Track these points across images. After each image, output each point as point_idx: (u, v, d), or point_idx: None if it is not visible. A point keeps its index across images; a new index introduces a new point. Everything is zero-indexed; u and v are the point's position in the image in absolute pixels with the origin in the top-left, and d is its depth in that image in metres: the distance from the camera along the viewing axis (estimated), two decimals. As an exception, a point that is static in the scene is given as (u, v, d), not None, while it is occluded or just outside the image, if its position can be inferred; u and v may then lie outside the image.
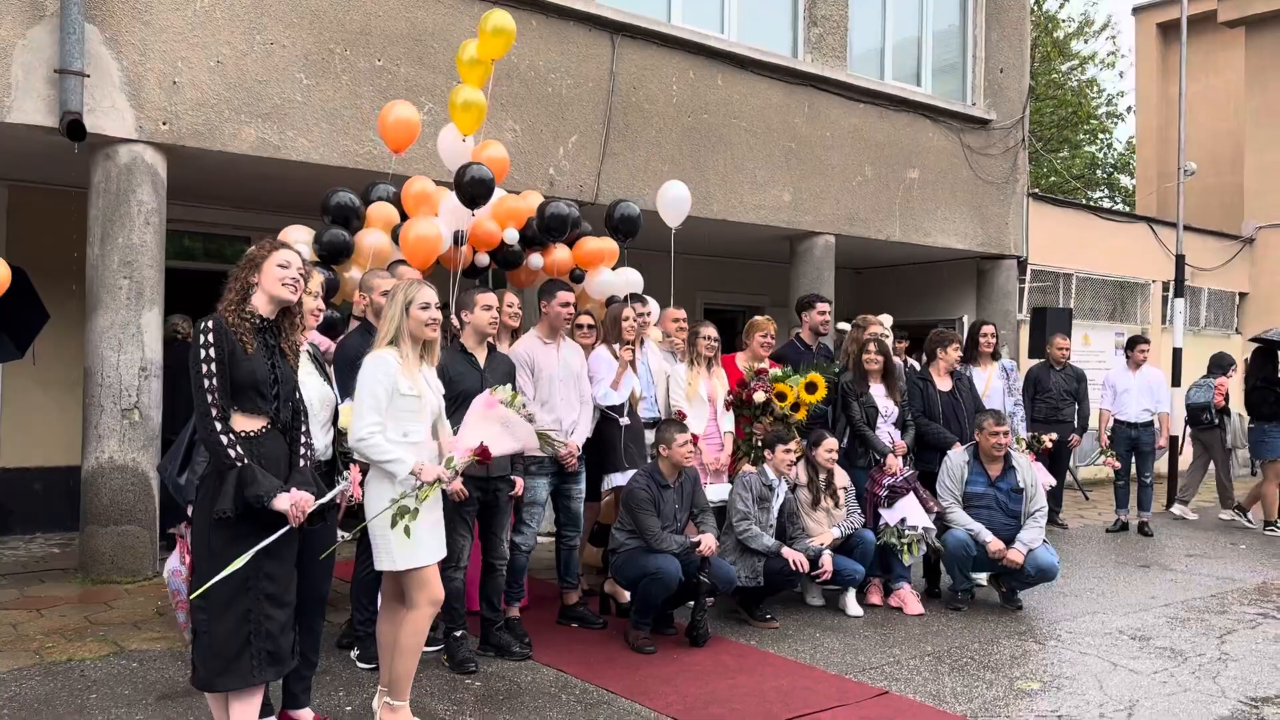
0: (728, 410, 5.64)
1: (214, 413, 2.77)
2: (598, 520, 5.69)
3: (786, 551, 5.04)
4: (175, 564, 3.45)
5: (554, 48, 7.30)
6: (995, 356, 7.26)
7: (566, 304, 4.99)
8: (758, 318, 6.03)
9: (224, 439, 2.78)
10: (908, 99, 9.54)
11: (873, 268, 11.96)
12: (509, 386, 3.72)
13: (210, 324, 2.82)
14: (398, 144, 5.44)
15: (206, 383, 2.76)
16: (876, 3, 9.58)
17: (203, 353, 2.77)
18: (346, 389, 4.21)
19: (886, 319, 6.71)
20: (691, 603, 4.77)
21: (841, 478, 5.55)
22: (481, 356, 4.33)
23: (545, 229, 5.47)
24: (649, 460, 5.08)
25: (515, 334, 5.27)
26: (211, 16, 5.93)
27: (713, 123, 8.20)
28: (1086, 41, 23.31)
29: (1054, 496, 8.30)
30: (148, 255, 5.82)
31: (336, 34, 6.37)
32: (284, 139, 6.20)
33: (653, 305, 5.88)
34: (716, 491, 5.37)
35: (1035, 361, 8.76)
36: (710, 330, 5.63)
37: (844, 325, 6.63)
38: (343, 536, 3.41)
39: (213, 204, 7.79)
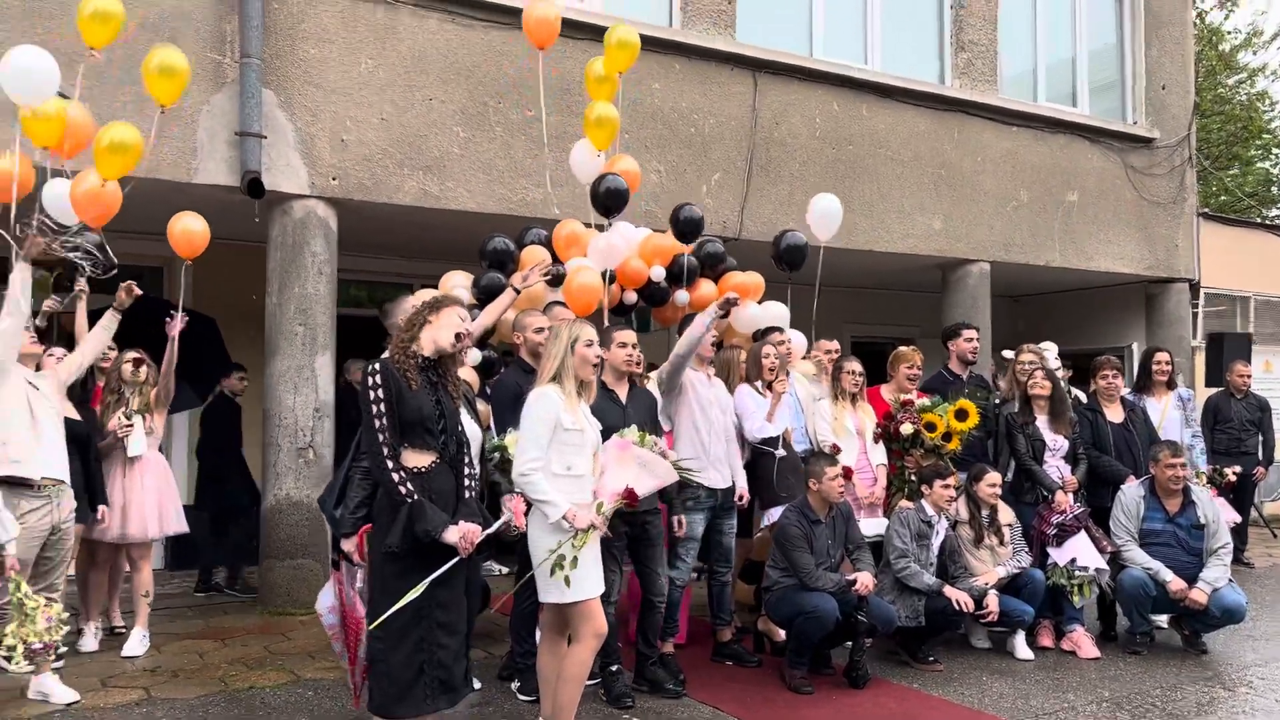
0: (877, 443, 5.51)
1: (385, 451, 2.91)
2: (748, 557, 5.64)
3: (949, 590, 4.86)
4: (329, 600, 3.62)
5: (696, 89, 7.40)
6: (1171, 385, 6.85)
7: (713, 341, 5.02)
8: (902, 349, 5.90)
9: (395, 476, 2.91)
10: (1064, 120, 9.20)
11: (1032, 295, 11.51)
12: (634, 428, 3.82)
13: (378, 366, 2.98)
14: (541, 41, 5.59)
15: (378, 423, 2.91)
16: (1026, 25, 9.32)
17: (372, 394, 2.93)
18: (504, 425, 4.35)
19: (1051, 347, 6.44)
20: (849, 643, 4.66)
21: (1006, 514, 5.33)
22: (623, 393, 4.37)
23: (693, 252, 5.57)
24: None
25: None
26: (375, 77, 6.29)
27: (858, 153, 8.12)
28: (1255, 53, 21.98)
29: (1238, 533, 7.73)
30: (320, 303, 6.17)
31: (489, 88, 6.64)
32: (443, 189, 6.49)
33: (796, 337, 5.84)
34: (871, 527, 5.24)
35: (1213, 390, 8.23)
36: (854, 365, 5.54)
37: (1007, 354, 6.40)
38: (500, 570, 3.51)
39: (377, 253, 8.20)
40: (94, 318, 4.89)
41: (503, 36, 6.65)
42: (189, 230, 5.17)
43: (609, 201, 5.22)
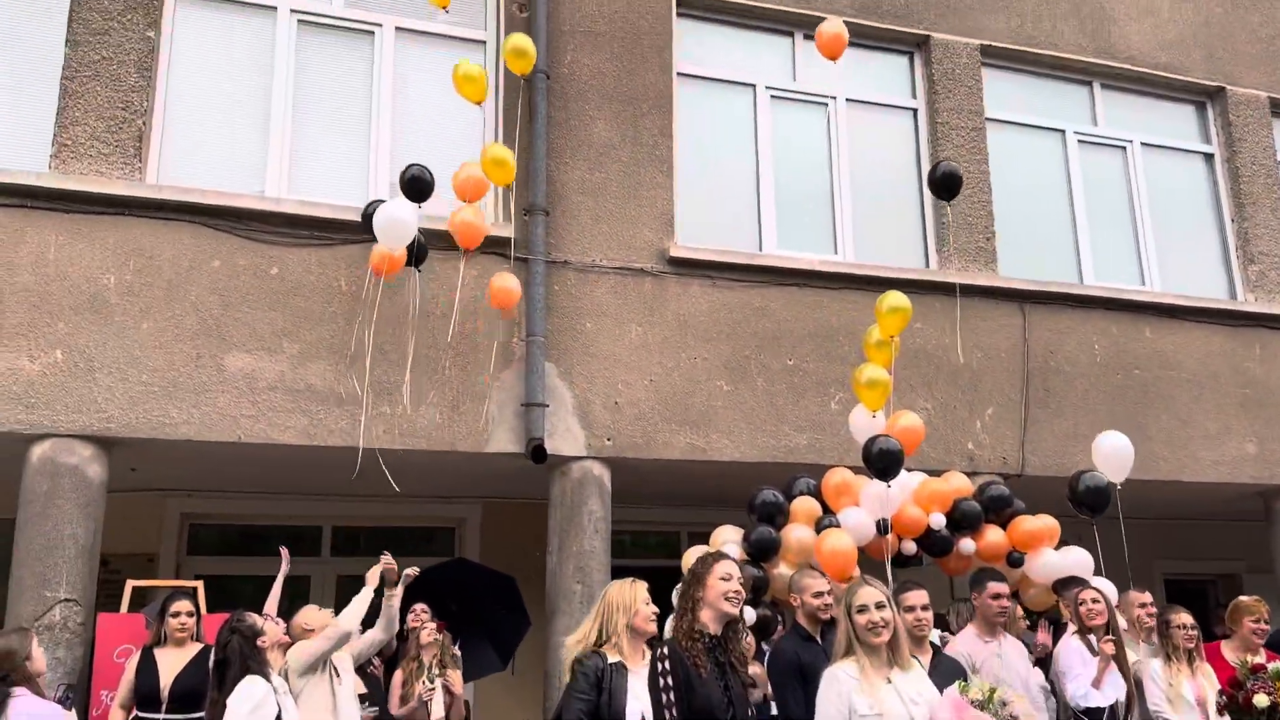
0: (1221, 715, 4.74)
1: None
2: None
3: None
4: None
5: (960, 325, 7.27)
6: None
7: (998, 595, 4.62)
8: (1243, 599, 5.16)
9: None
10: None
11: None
12: (975, 679, 3.30)
13: (666, 651, 2.93)
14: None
15: (667, 714, 2.82)
16: (1324, 226, 8.61)
17: (661, 681, 2.86)
18: (784, 701, 4.07)
19: None
20: None
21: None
22: (926, 659, 4.03)
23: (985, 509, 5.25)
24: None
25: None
26: (645, 342, 6.66)
27: (1146, 377, 7.57)
28: None
29: None
30: (596, 560, 6.32)
31: (750, 341, 6.85)
32: (709, 442, 6.62)
33: (1106, 587, 5.27)
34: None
35: None
36: (1185, 617, 4.88)
37: None
38: None
39: (646, 505, 8.38)
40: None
41: (760, 294, 6.90)
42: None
43: (883, 463, 5.08)
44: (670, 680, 2.79)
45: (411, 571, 5.07)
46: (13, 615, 5.16)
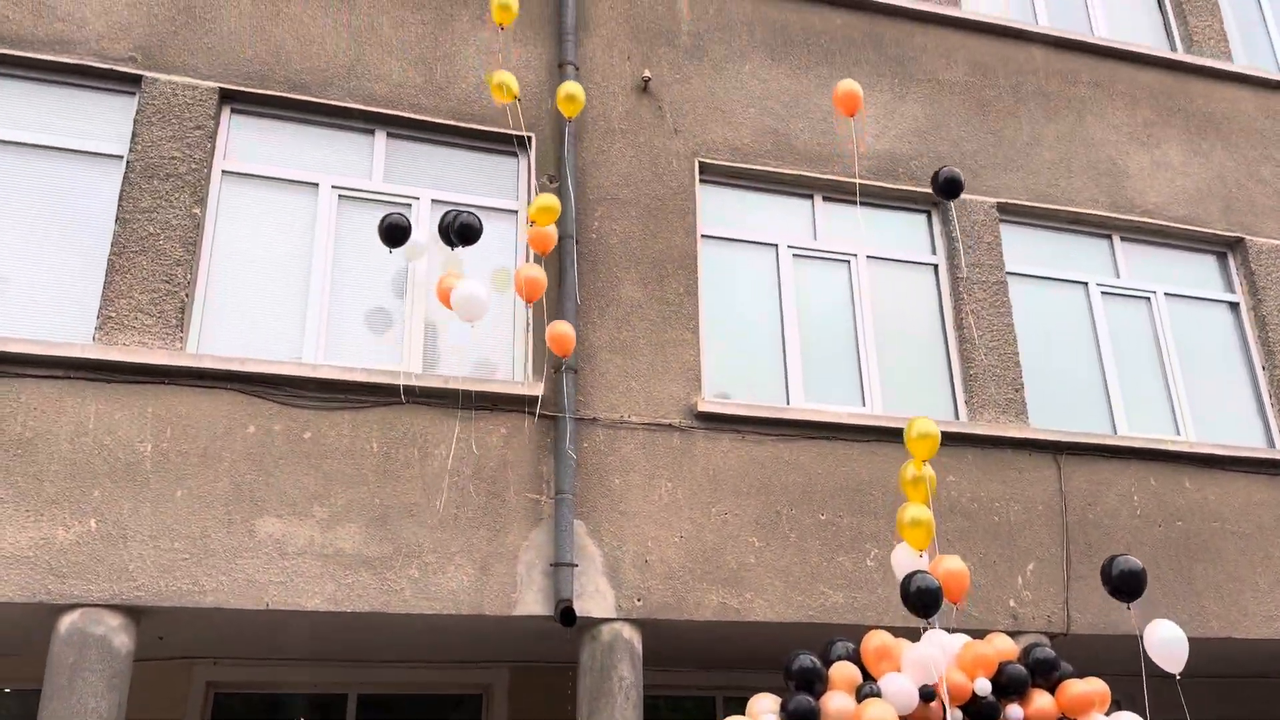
0: None
1: None
2: None
3: None
4: None
5: (993, 477, 7.19)
6: None
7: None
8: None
9: None
10: None
11: None
12: None
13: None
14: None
15: None
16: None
17: None
18: None
19: None
20: None
21: None
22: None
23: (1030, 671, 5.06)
24: None
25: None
26: (674, 498, 6.62)
27: (1189, 529, 7.39)
28: None
29: None
30: (627, 729, 6.09)
31: (781, 496, 6.79)
32: (742, 601, 6.47)
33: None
34: None
35: None
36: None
37: None
38: None
39: (679, 668, 8.14)
40: None
41: (789, 448, 6.88)
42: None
43: (920, 601, 4.97)
44: None
45: None
46: (30, 793, 5.03)
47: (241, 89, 6.73)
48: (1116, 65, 9.03)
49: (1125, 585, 5.36)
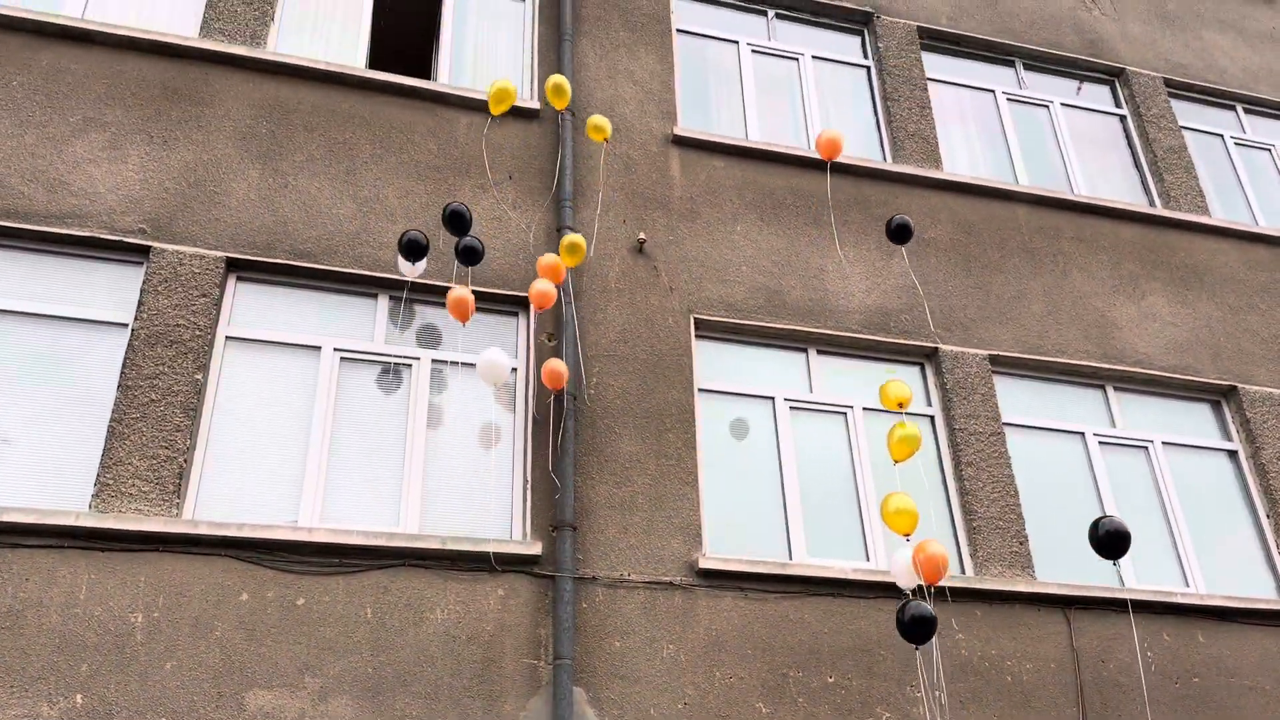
0: None
1: None
2: None
3: None
4: None
5: (1003, 634, 7.02)
6: None
7: None
8: None
9: None
10: None
11: None
12: None
13: None
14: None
15: None
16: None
17: None
18: None
19: None
20: None
21: None
22: None
23: None
24: None
25: None
26: (676, 661, 6.44)
27: (1206, 686, 7.17)
28: None
29: None
30: None
31: (787, 658, 6.61)
32: (749, 772, 6.22)
33: None
34: None
35: None
36: None
37: None
38: None
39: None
40: None
41: (794, 605, 6.75)
42: None
43: (915, 629, 5.38)
44: None
45: None
46: None
47: (248, 258, 6.92)
48: (1098, 221, 9.32)
49: (1111, 544, 5.68)
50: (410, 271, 6.84)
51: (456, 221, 6.62)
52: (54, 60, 7.21)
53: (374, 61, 10.08)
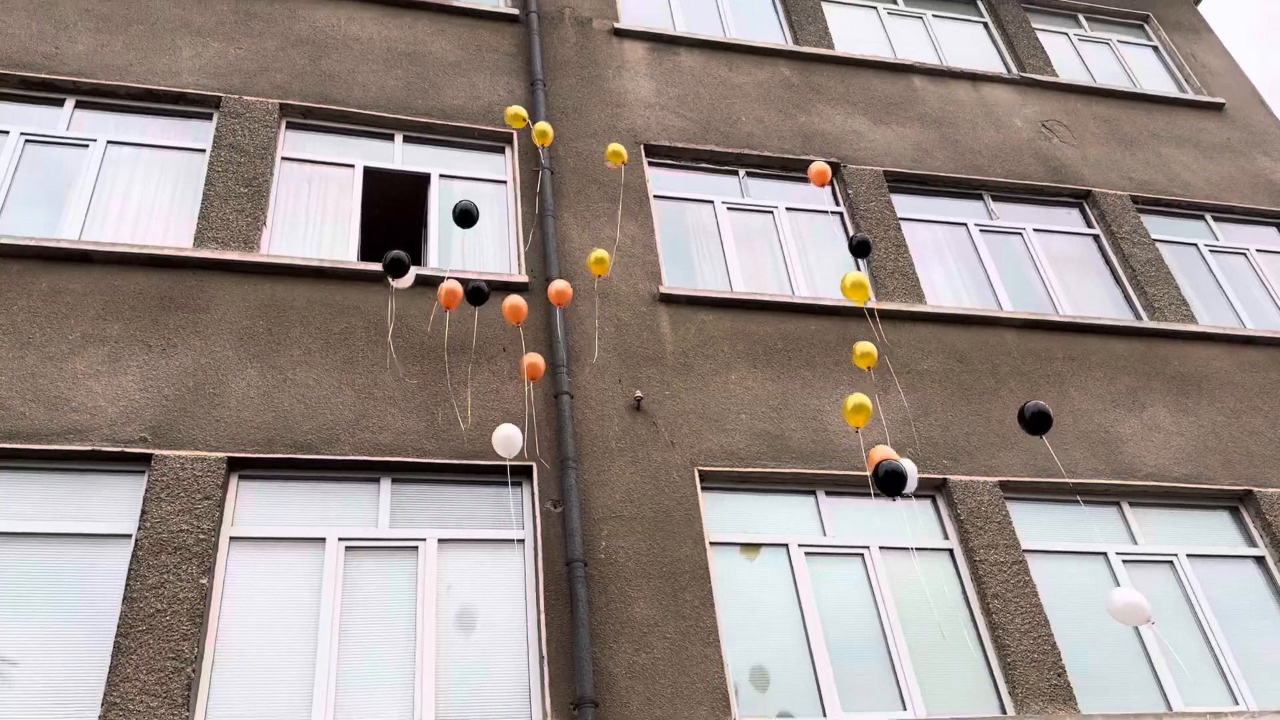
0: None
1: None
2: None
3: None
4: None
5: (1055, 774, 6.70)
6: None
7: None
8: None
9: None
10: None
11: None
12: None
13: None
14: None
15: None
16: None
17: None
18: None
19: None
20: None
21: None
22: None
23: None
24: None
25: None
26: (715, 838, 6.11)
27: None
28: None
29: None
30: None
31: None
32: None
33: None
34: None
35: None
36: None
37: None
38: None
39: None
40: None
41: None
42: None
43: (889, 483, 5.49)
44: None
45: None
46: None
47: (249, 455, 6.95)
48: (1087, 339, 9.41)
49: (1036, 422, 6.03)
50: (398, 285, 7.22)
51: (465, 220, 7.08)
52: (53, 281, 7.44)
53: (365, 252, 10.39)
